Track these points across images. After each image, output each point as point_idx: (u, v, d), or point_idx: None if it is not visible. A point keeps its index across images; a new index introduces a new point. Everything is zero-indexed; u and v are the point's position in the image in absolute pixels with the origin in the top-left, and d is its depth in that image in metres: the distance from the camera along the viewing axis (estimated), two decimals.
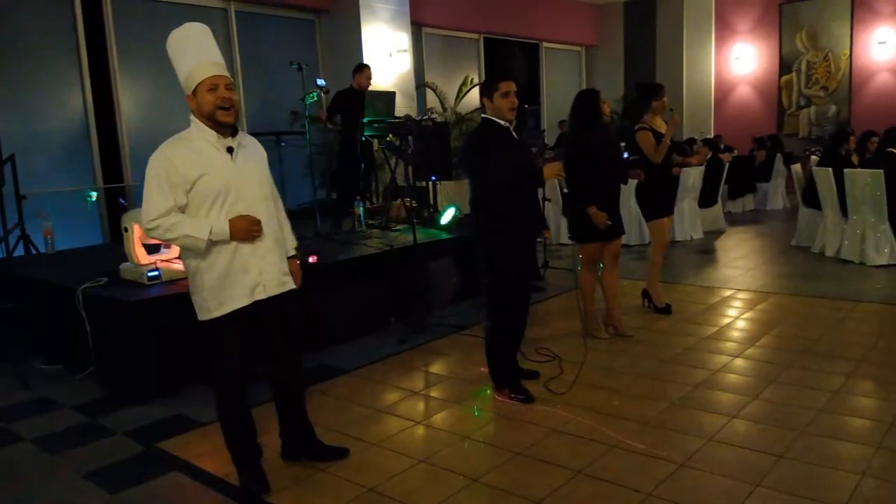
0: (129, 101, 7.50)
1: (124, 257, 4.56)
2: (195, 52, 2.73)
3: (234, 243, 2.75)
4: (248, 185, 2.80)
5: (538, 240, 4.92)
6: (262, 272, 2.82)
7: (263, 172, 2.92)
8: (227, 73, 2.76)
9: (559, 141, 10.57)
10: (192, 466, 3.27)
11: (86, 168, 7.20)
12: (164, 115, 7.79)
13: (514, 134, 3.79)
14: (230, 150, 2.77)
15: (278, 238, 2.95)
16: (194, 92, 2.71)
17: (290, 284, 2.97)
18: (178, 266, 4.48)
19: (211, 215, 2.72)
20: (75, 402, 4.16)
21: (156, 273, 4.36)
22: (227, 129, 2.76)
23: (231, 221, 2.71)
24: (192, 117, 2.76)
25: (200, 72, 2.69)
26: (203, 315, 2.82)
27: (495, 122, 3.75)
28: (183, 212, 2.71)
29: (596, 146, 4.58)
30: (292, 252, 3.10)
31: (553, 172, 3.75)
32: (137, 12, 7.48)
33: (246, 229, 2.74)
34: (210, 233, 2.67)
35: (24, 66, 6.72)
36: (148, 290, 4.24)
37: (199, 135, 2.73)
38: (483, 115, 3.83)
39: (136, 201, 7.14)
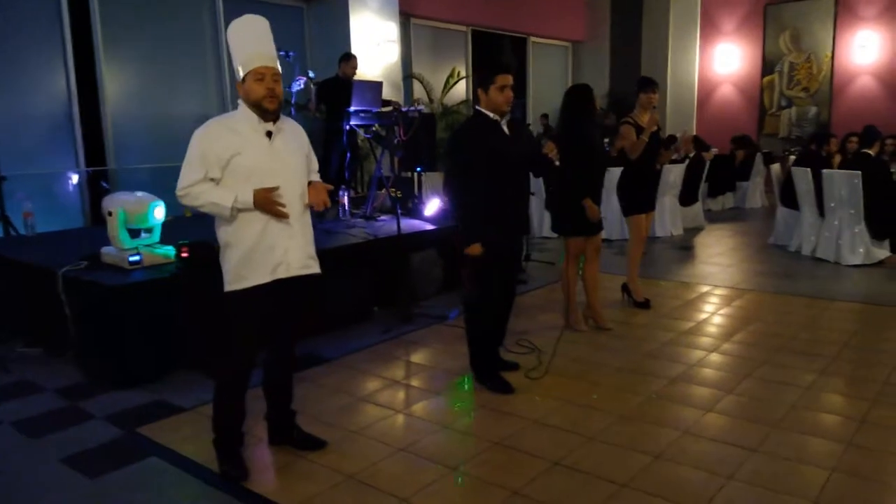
0: (113, 85, 7.40)
1: (105, 241, 4.53)
2: (247, 43, 2.89)
3: (263, 221, 2.87)
4: (283, 168, 2.92)
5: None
6: (287, 251, 2.93)
7: (300, 158, 3.04)
8: (276, 65, 2.92)
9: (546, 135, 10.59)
10: (172, 452, 3.27)
11: (68, 151, 7.11)
12: (148, 100, 7.71)
13: (504, 129, 3.76)
14: (269, 133, 2.90)
15: (306, 222, 3.06)
16: (243, 80, 2.86)
17: (315, 269, 3.07)
18: (160, 251, 4.47)
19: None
20: (55, 385, 4.14)
21: (137, 258, 4.34)
22: (269, 115, 2.89)
23: (255, 191, 2.82)
24: (240, 101, 2.92)
25: (250, 62, 2.85)
26: (227, 286, 2.93)
27: (485, 115, 3.74)
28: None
29: (591, 141, 4.64)
30: (315, 177, 3.15)
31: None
32: None
33: (266, 198, 2.83)
34: (235, 200, 2.80)
35: (6, 47, 6.61)
36: (129, 275, 4.22)
37: (243, 117, 2.89)
38: (475, 107, 3.82)
39: (119, 185, 7.08)
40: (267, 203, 2.84)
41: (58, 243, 5.43)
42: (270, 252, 2.90)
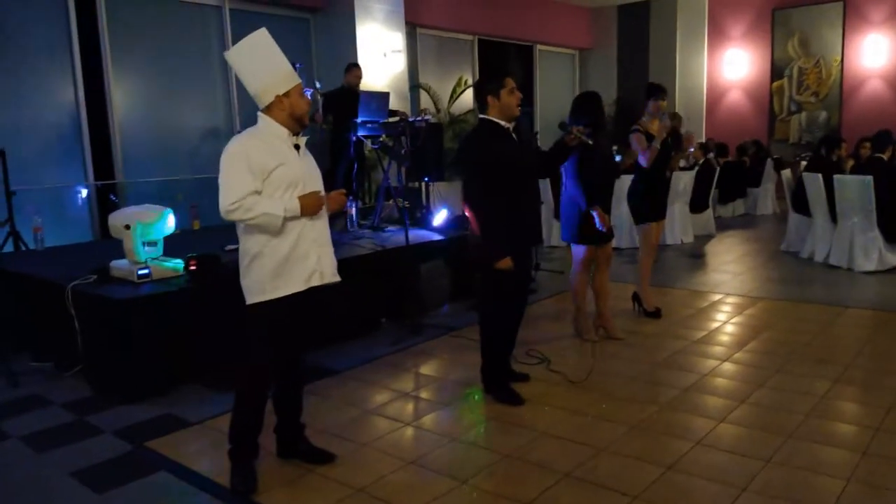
0: (121, 97, 7.45)
1: (114, 254, 4.54)
2: (281, 59, 2.95)
3: (297, 230, 2.92)
4: (312, 178, 3.03)
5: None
6: (320, 259, 3.01)
7: (318, 169, 3.15)
8: None
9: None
10: (181, 466, 3.26)
11: (77, 164, 7.15)
12: (156, 112, 7.75)
13: (513, 135, 3.73)
14: (297, 147, 2.99)
15: (329, 232, 3.14)
16: (287, 94, 2.90)
17: (339, 277, 3.14)
18: (168, 264, 4.47)
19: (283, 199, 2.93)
20: (64, 399, 4.14)
21: (146, 271, 4.34)
22: (297, 129, 2.99)
23: (301, 198, 2.91)
24: (263, 115, 2.95)
25: (292, 78, 2.94)
26: (254, 297, 2.93)
27: (496, 122, 3.71)
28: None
29: (602, 148, 4.62)
30: None
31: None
32: (131, 7, 7.43)
33: (316, 197, 2.95)
34: (284, 210, 2.85)
35: (15, 61, 6.66)
36: (138, 289, 4.23)
37: (271, 131, 2.93)
38: (482, 116, 3.78)
39: (128, 199, 7.10)
40: (318, 202, 2.94)
41: (67, 257, 5.44)
42: (305, 260, 2.95)
